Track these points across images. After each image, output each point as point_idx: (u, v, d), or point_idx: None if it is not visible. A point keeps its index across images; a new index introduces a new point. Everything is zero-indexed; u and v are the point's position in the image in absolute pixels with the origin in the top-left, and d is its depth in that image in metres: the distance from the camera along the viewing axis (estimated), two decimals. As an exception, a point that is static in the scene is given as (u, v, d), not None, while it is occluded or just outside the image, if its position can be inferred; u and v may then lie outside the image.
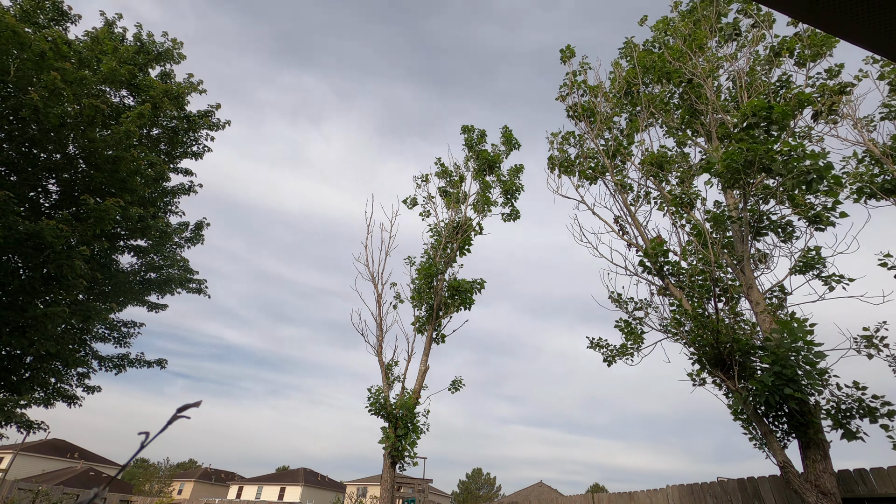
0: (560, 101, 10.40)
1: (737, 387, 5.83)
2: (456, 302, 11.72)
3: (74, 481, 38.15)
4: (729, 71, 8.70)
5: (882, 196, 7.36)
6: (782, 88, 7.93)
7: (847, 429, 5.39)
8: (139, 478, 61.88)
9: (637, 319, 8.19)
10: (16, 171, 9.15)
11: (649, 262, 7.39)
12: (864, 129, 7.73)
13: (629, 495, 8.61)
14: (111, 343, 12.01)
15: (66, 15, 10.64)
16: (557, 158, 10.04)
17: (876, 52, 1.01)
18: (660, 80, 9.06)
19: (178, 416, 0.86)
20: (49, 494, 27.50)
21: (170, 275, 11.95)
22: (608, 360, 8.63)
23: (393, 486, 9.98)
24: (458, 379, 11.59)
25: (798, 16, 0.96)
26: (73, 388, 11.13)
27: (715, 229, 7.30)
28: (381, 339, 11.31)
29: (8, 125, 8.45)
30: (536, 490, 46.52)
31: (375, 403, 10.05)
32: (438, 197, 13.70)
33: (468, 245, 12.69)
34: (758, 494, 6.48)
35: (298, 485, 50.64)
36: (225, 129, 12.61)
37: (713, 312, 6.48)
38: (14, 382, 9.35)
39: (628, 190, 8.84)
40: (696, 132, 8.99)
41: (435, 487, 51.92)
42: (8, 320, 8.48)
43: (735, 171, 5.95)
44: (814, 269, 7.06)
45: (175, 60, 11.95)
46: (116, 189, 9.51)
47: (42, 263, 8.37)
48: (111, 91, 10.21)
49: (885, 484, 5.32)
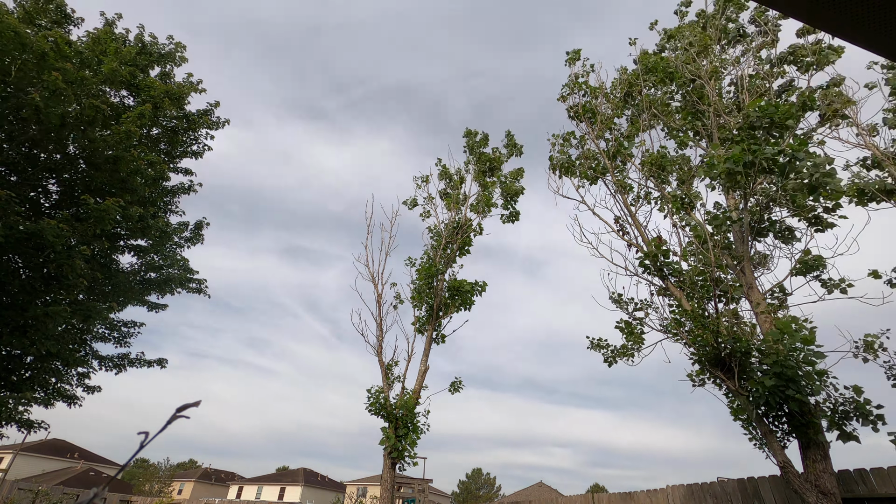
0: (561, 101, 10.42)
1: (737, 387, 5.83)
2: (456, 302, 11.72)
3: (74, 481, 38.15)
4: (732, 74, 8.71)
5: (882, 198, 7.36)
6: (784, 92, 7.94)
7: (843, 430, 5.40)
8: (139, 478, 61.87)
9: (637, 320, 8.19)
10: (16, 172, 9.16)
11: (649, 263, 7.39)
12: (866, 134, 7.73)
13: (629, 495, 8.61)
14: (111, 343, 12.02)
15: (69, 17, 10.65)
16: (558, 159, 10.05)
17: (876, 53, 1.01)
18: (662, 82, 9.07)
19: (178, 415, 0.86)
20: (49, 494, 27.51)
21: (170, 274, 11.96)
22: (608, 360, 8.64)
23: (393, 486, 9.98)
24: (458, 380, 11.60)
25: (799, 16, 0.96)
26: (74, 388, 11.13)
27: (715, 230, 7.30)
28: (381, 339, 11.31)
29: (9, 125, 8.46)
30: (536, 490, 46.50)
31: (375, 403, 10.05)
32: (439, 198, 13.72)
33: (468, 246, 12.71)
34: (758, 494, 6.48)
35: (298, 485, 50.63)
36: (224, 127, 12.62)
37: (713, 313, 6.48)
38: (14, 382, 9.36)
39: (629, 190, 8.84)
40: (697, 134, 9.00)
41: (435, 487, 51.90)
42: (8, 320, 8.49)
43: (736, 172, 5.95)
44: (814, 271, 7.06)
45: (177, 63, 11.96)
46: (117, 189, 9.52)
47: (42, 263, 8.38)
48: (112, 91, 10.22)
49: (885, 484, 5.31)
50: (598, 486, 61.53)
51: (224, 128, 12.63)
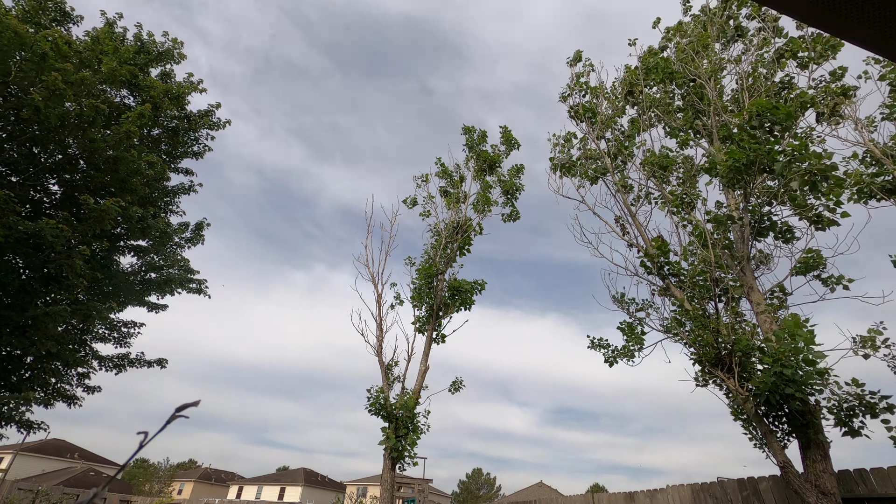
0: (562, 101, 10.42)
1: (737, 387, 5.83)
2: (456, 302, 11.72)
3: (74, 481, 38.15)
4: (732, 72, 8.70)
5: (882, 196, 7.36)
6: (784, 90, 7.93)
7: (850, 426, 5.39)
8: (139, 478, 61.88)
9: (638, 320, 8.18)
10: (17, 172, 9.16)
11: (650, 263, 7.39)
12: (864, 130, 7.73)
13: (629, 495, 8.61)
14: (111, 343, 12.02)
15: (68, 16, 10.66)
16: (559, 159, 10.05)
17: (878, 54, 1.01)
18: (663, 81, 9.07)
19: (177, 415, 0.86)
20: (49, 494, 27.51)
21: (170, 275, 11.96)
22: (609, 360, 8.63)
23: (393, 487, 9.98)
24: (459, 380, 11.60)
25: (801, 17, 0.96)
26: (74, 388, 11.14)
27: (716, 230, 7.30)
28: (381, 339, 11.31)
29: (9, 125, 8.46)
30: (536, 490, 46.50)
31: (375, 403, 10.05)
32: (439, 197, 13.71)
33: (468, 245, 12.70)
34: (758, 494, 6.47)
35: (298, 485, 50.64)
36: (225, 128, 12.62)
37: (714, 313, 6.48)
38: (14, 382, 9.36)
39: (629, 190, 8.84)
40: (698, 133, 8.99)
41: (435, 487, 51.91)
42: (8, 320, 8.49)
43: (737, 171, 5.95)
44: (814, 270, 7.06)
45: (175, 60, 11.96)
46: (117, 189, 9.52)
47: (42, 263, 8.38)
48: (112, 91, 10.22)
49: (885, 484, 5.31)
50: (598, 486, 61.49)
51: (225, 128, 12.64)
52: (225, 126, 12.58)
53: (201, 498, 47.51)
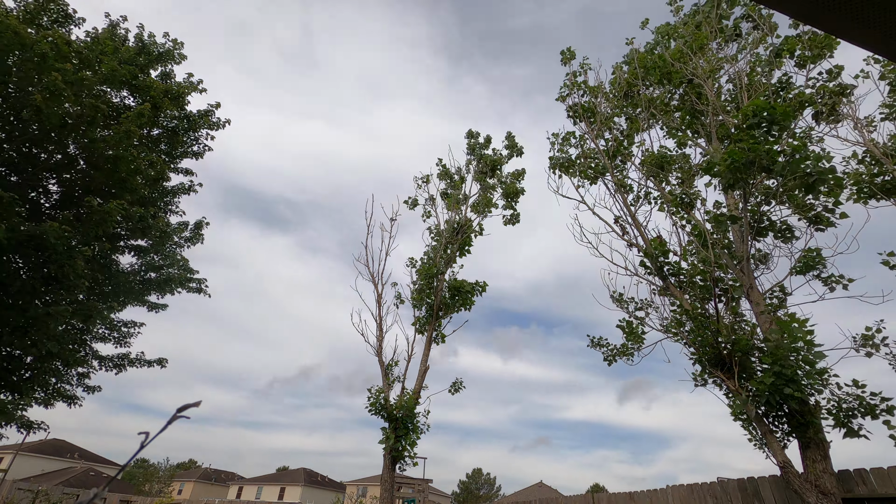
0: (560, 101, 10.42)
1: (737, 387, 5.83)
2: (457, 302, 11.72)
3: (74, 481, 38.16)
4: (729, 72, 8.70)
5: (882, 196, 7.36)
6: (782, 89, 7.93)
7: (849, 427, 5.39)
8: (139, 478, 61.82)
9: (638, 319, 8.19)
10: (17, 172, 9.16)
11: (650, 263, 7.39)
12: (864, 130, 7.73)
13: (629, 495, 8.61)
14: (111, 343, 12.03)
15: (70, 17, 10.65)
16: (558, 159, 10.05)
17: (877, 54, 1.01)
18: (660, 82, 9.06)
19: (178, 415, 0.86)
20: (49, 494, 27.51)
21: (170, 274, 11.96)
22: (608, 359, 8.63)
23: (393, 487, 9.98)
24: (459, 380, 11.60)
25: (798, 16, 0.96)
26: (74, 388, 11.14)
27: (715, 229, 7.30)
28: (381, 339, 11.31)
29: (9, 125, 8.46)
30: (536, 490, 46.50)
31: (375, 404, 10.05)
32: (439, 198, 13.71)
33: (468, 246, 12.70)
34: (758, 494, 6.48)
35: (298, 485, 50.63)
36: (225, 128, 12.61)
37: (713, 312, 6.48)
38: (14, 382, 9.36)
39: (628, 190, 8.84)
40: (696, 133, 8.99)
41: (435, 487, 51.92)
42: (9, 320, 8.49)
43: (736, 171, 5.95)
44: (814, 270, 7.06)
45: (176, 61, 11.95)
46: (116, 189, 9.52)
47: (43, 264, 8.38)
48: (112, 91, 10.22)
49: (885, 484, 5.31)
50: (598, 486, 61.49)
51: (224, 128, 12.63)
52: (224, 126, 12.57)
53: (201, 498, 47.50)
